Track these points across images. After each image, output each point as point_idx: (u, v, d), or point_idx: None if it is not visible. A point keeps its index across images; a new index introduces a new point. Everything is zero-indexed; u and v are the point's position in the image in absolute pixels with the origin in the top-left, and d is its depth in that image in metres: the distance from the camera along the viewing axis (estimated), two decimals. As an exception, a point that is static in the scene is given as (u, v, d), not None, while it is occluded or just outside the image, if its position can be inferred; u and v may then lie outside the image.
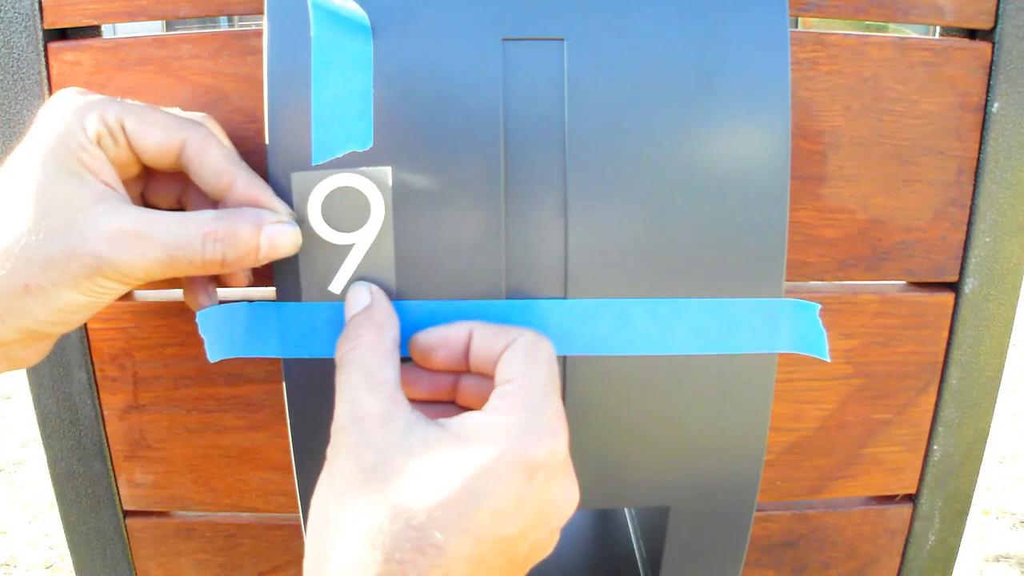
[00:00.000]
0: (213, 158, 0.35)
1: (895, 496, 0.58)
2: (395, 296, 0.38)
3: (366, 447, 0.29)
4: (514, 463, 0.29)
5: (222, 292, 0.51)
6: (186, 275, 0.37)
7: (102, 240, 0.32)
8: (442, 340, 0.35)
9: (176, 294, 0.51)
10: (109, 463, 0.53)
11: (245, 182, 0.35)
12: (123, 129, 0.34)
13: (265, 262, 0.35)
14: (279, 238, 0.35)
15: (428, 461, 0.29)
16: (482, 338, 0.34)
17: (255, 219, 0.34)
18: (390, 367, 0.32)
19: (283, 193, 0.36)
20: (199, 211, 0.35)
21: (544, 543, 0.31)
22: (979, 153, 0.51)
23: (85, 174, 0.33)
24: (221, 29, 0.47)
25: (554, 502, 0.30)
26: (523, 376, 0.32)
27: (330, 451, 0.31)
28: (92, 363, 0.51)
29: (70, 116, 0.33)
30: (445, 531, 0.27)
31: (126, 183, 0.36)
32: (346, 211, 0.37)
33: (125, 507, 0.55)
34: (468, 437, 0.29)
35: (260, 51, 0.45)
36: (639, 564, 0.53)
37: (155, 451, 0.53)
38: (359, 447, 0.29)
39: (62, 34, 0.48)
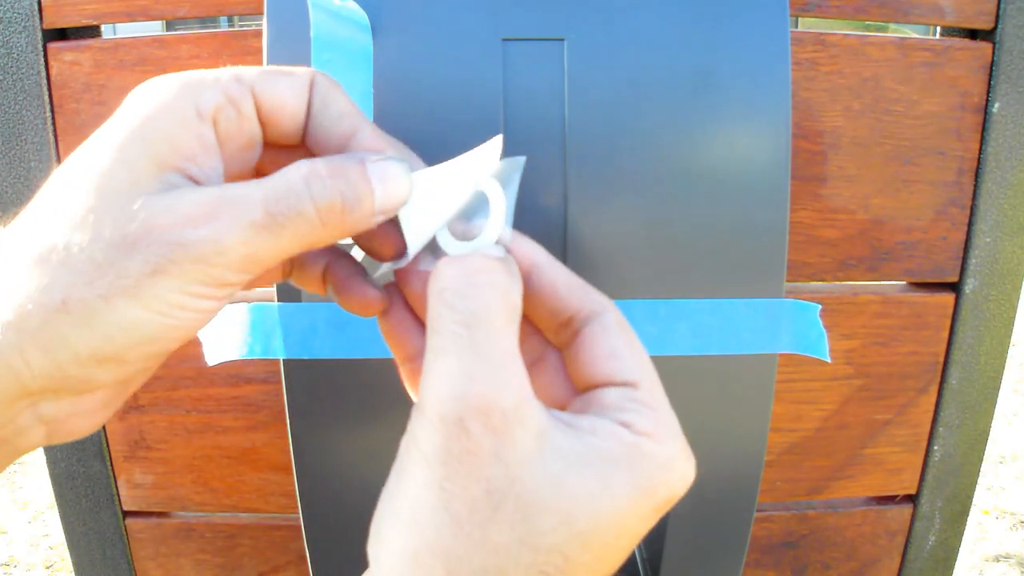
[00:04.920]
0: (340, 101, 0.28)
1: (895, 496, 0.58)
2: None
3: (494, 460, 0.22)
4: (660, 503, 0.24)
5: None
6: (297, 247, 0.25)
7: (176, 222, 0.23)
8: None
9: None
10: (109, 464, 0.53)
11: (371, 131, 0.28)
12: (253, 93, 0.26)
13: (383, 213, 0.26)
14: (388, 171, 0.26)
15: (569, 493, 0.23)
16: (568, 283, 0.27)
17: (358, 157, 0.26)
18: (516, 338, 0.24)
19: None
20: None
21: None
22: (980, 153, 0.51)
23: (172, 162, 0.24)
24: (221, 29, 0.47)
25: None
26: (649, 380, 0.26)
27: (425, 445, 0.23)
28: (92, 363, 0.51)
29: (176, 89, 0.25)
30: None
31: (236, 174, 0.28)
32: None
33: (125, 508, 0.55)
34: (615, 464, 0.23)
35: (260, 51, 0.45)
36: (639, 564, 0.52)
37: (155, 452, 0.53)
38: (484, 458, 0.22)
39: (61, 34, 0.47)
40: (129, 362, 0.24)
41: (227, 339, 0.38)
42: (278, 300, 0.38)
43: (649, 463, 0.24)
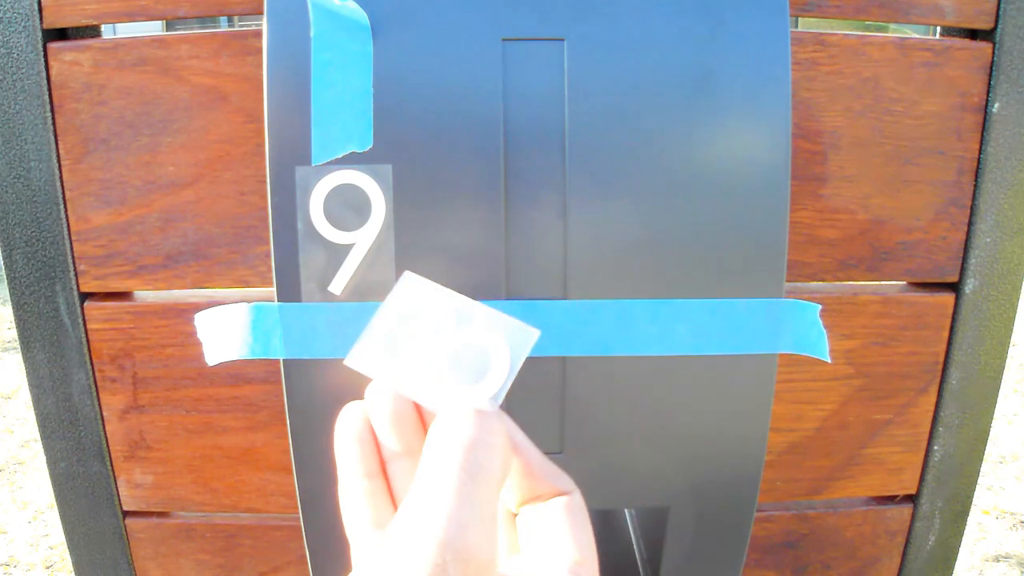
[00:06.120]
0: None
1: (895, 496, 0.58)
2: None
3: None
4: None
5: (222, 294, 0.51)
6: None
7: None
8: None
9: (176, 295, 0.51)
10: (109, 464, 0.53)
11: None
12: None
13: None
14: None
15: None
16: (540, 464, 0.29)
17: None
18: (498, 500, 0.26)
19: (285, 191, 0.36)
20: None
21: None
22: (980, 153, 0.51)
23: None
24: (221, 29, 0.47)
25: None
26: (592, 557, 0.28)
27: (406, 572, 0.24)
28: (92, 364, 0.51)
29: None
30: None
31: None
32: (347, 210, 0.37)
33: (125, 508, 0.55)
34: None
35: (260, 51, 0.45)
36: (639, 564, 0.52)
37: (155, 452, 0.53)
38: None
39: (61, 34, 0.47)
40: None
41: (227, 339, 0.38)
42: (278, 300, 0.38)
43: None
